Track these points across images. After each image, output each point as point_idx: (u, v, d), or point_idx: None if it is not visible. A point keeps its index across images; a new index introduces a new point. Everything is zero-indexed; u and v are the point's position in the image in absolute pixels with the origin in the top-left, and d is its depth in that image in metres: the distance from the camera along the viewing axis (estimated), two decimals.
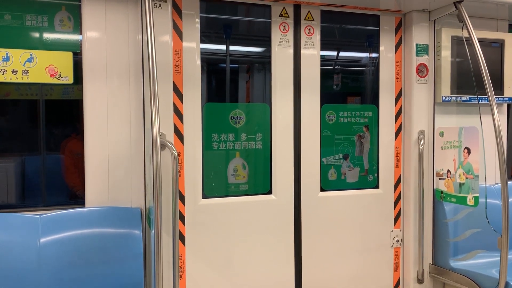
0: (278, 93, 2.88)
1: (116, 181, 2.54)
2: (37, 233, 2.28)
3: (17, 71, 2.36)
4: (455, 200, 2.93)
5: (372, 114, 3.16)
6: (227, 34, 2.90)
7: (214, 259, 2.76)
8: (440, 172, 3.06)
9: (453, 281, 2.96)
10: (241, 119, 2.86)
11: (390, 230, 3.17)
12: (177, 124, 2.65)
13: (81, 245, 2.32)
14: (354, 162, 3.13)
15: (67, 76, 2.45)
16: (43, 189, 2.88)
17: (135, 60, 2.55)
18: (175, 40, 2.63)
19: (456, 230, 3.07)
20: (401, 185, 3.20)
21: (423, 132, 3.10)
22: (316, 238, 2.99)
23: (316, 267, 2.99)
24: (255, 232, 2.85)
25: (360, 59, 3.30)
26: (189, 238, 2.70)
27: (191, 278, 2.71)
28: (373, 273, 3.14)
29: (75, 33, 2.52)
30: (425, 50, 3.10)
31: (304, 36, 2.93)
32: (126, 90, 2.54)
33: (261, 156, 2.90)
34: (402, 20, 3.17)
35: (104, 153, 2.52)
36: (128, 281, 2.35)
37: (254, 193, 2.90)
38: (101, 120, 2.50)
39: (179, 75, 2.64)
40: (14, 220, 2.30)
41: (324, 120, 3.03)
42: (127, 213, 2.48)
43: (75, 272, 2.28)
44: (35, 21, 2.44)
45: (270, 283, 2.89)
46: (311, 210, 2.97)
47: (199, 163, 2.73)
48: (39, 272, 2.22)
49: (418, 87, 3.09)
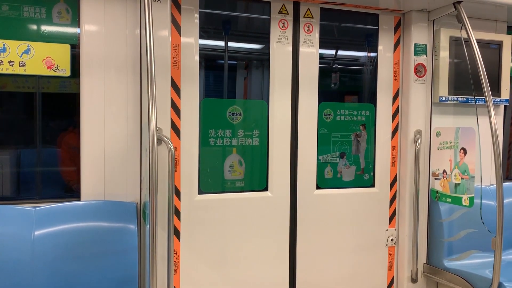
0: (276, 90, 2.88)
1: (112, 175, 2.53)
2: (32, 225, 2.27)
3: (14, 63, 2.35)
4: (450, 200, 2.94)
5: (369, 113, 3.16)
6: (226, 30, 2.89)
7: (209, 255, 2.76)
8: (436, 172, 3.07)
9: (447, 281, 2.98)
10: (239, 116, 2.85)
11: (385, 229, 3.18)
12: (174, 119, 2.64)
13: (75, 238, 2.31)
14: (350, 160, 3.13)
15: (64, 68, 2.44)
16: (38, 182, 2.86)
17: (133, 54, 2.54)
18: (174, 35, 2.62)
19: (450, 230, 3.08)
20: (397, 185, 3.20)
21: (419, 132, 3.11)
22: (311, 236, 2.99)
23: (311, 264, 3.00)
24: (251, 228, 2.85)
25: (359, 57, 3.30)
26: (184, 234, 2.70)
27: (185, 273, 2.71)
28: (367, 272, 3.15)
29: (73, 25, 2.50)
30: (424, 50, 3.11)
31: (303, 33, 2.93)
32: (123, 84, 2.53)
33: (258, 153, 2.90)
34: (401, 19, 3.17)
35: (100, 147, 2.51)
36: (122, 275, 2.35)
37: (250, 190, 2.90)
38: (97, 114, 2.49)
39: (177, 70, 2.64)
40: (9, 212, 2.29)
41: (322, 118, 3.03)
42: (123, 207, 2.47)
43: (69, 265, 2.28)
44: (33, 13, 2.42)
45: (265, 279, 2.89)
46: (306, 208, 2.97)
47: (195, 159, 2.72)
48: (33, 264, 2.22)
49: (415, 87, 3.10)
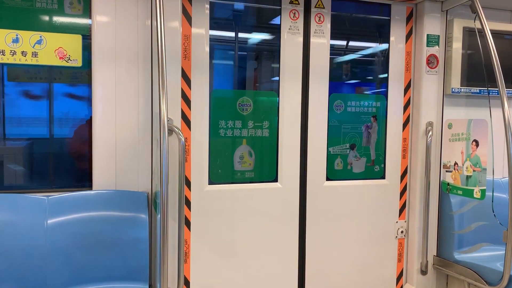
0: (286, 81, 2.87)
1: (123, 165, 2.55)
2: (45, 214, 2.31)
3: (26, 53, 2.37)
4: (462, 193, 2.92)
5: (380, 104, 3.14)
6: (236, 21, 2.88)
7: (219, 245, 2.78)
8: (447, 164, 3.05)
9: (457, 273, 2.96)
10: (249, 107, 2.85)
11: (395, 221, 3.17)
12: (184, 110, 2.65)
13: (87, 227, 2.35)
14: (361, 152, 3.12)
15: (76, 59, 2.46)
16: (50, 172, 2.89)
17: (144, 45, 2.55)
18: (184, 26, 2.62)
19: (461, 222, 3.06)
20: (408, 177, 3.19)
21: (431, 123, 3.08)
22: (321, 227, 2.99)
23: (320, 255, 3.01)
24: (260, 219, 2.86)
25: (370, 48, 3.27)
26: (194, 223, 2.72)
27: (195, 263, 2.73)
28: (376, 263, 3.15)
29: (84, 16, 2.51)
30: (436, 41, 3.07)
31: (314, 24, 2.91)
32: (134, 75, 2.54)
33: (268, 144, 2.90)
34: (413, 10, 3.13)
35: (112, 137, 2.53)
36: (133, 264, 2.38)
37: (260, 181, 2.90)
38: (109, 104, 2.51)
39: (187, 61, 2.64)
40: (22, 201, 2.32)
41: (332, 109, 3.02)
42: (134, 197, 2.50)
43: (81, 253, 2.31)
44: (45, 3, 2.44)
45: (274, 270, 2.91)
46: (316, 199, 2.97)
47: (205, 149, 2.73)
48: (46, 252, 2.26)
49: (427, 78, 3.07)
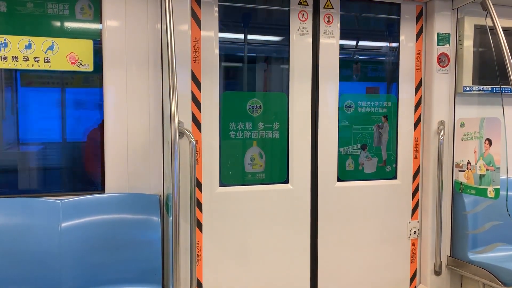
0: (296, 82, 2.87)
1: (135, 168, 2.57)
2: (59, 217, 2.33)
3: (39, 59, 2.40)
4: (475, 192, 2.89)
5: (391, 104, 3.12)
6: (245, 23, 2.89)
7: (231, 246, 2.79)
8: (460, 163, 3.02)
9: (471, 274, 2.93)
10: (259, 108, 2.86)
11: (408, 221, 3.15)
12: (195, 112, 2.67)
13: (100, 230, 2.37)
14: (372, 152, 3.11)
15: (87, 63, 2.49)
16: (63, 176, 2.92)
17: (154, 49, 2.57)
18: (194, 29, 2.63)
19: (475, 222, 3.02)
20: (420, 176, 3.16)
21: (443, 122, 3.05)
22: (333, 228, 2.98)
23: (332, 256, 2.99)
24: (272, 221, 2.86)
25: (380, 48, 3.25)
26: (206, 225, 2.73)
27: (207, 265, 2.74)
28: (389, 264, 3.13)
29: (95, 21, 2.54)
30: (447, 39, 3.04)
31: (323, 24, 2.90)
32: (145, 79, 2.56)
33: (278, 145, 2.90)
34: (423, 8, 3.10)
35: (124, 140, 2.55)
36: (146, 266, 2.39)
37: (271, 182, 2.90)
38: (120, 108, 2.53)
39: (197, 63, 2.65)
40: (36, 205, 2.35)
41: (342, 109, 3.01)
42: (146, 200, 2.52)
43: (95, 256, 2.33)
44: (57, 9, 2.47)
45: (286, 271, 2.90)
46: (327, 200, 2.96)
47: (216, 152, 2.74)
48: (60, 255, 2.28)
49: (438, 77, 3.04)
